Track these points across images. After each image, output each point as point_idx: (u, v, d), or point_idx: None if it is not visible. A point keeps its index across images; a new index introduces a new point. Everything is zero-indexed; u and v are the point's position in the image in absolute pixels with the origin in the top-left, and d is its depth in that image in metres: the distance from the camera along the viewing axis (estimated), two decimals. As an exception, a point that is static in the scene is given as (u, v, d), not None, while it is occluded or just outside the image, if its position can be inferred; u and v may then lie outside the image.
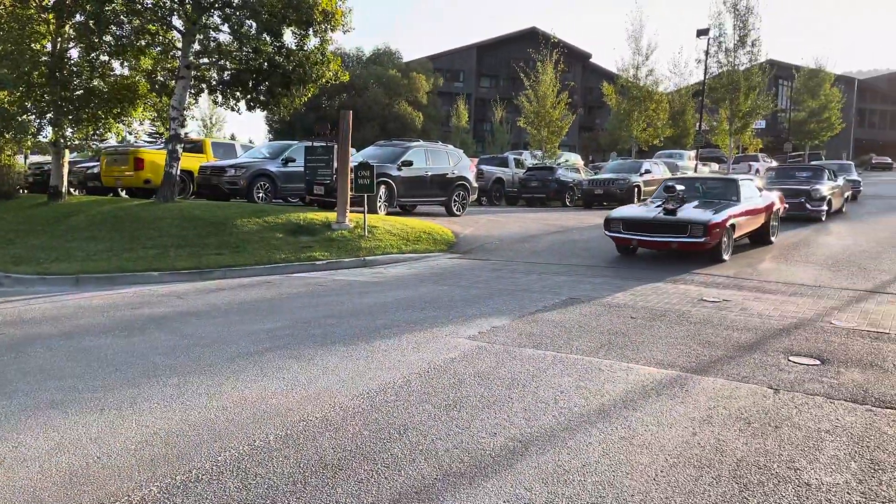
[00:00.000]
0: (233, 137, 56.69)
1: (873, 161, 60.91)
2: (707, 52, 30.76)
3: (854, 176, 24.20)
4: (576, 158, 35.84)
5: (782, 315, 7.23)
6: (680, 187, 10.99)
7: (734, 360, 5.53)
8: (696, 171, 31.44)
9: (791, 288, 8.83)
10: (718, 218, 10.30)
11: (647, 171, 22.75)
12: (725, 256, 10.68)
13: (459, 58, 74.66)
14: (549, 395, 4.67)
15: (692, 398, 4.63)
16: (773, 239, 12.73)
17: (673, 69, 35.39)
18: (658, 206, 10.98)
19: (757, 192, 12.44)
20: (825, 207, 16.54)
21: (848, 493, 3.30)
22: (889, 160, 62.76)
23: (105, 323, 7.01)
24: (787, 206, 13.93)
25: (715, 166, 35.28)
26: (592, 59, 77.32)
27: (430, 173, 16.62)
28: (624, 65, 32.51)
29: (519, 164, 27.27)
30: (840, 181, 19.04)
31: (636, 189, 21.15)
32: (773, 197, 12.99)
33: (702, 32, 30.25)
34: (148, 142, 25.69)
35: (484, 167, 24.72)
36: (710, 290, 8.71)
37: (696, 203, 11.13)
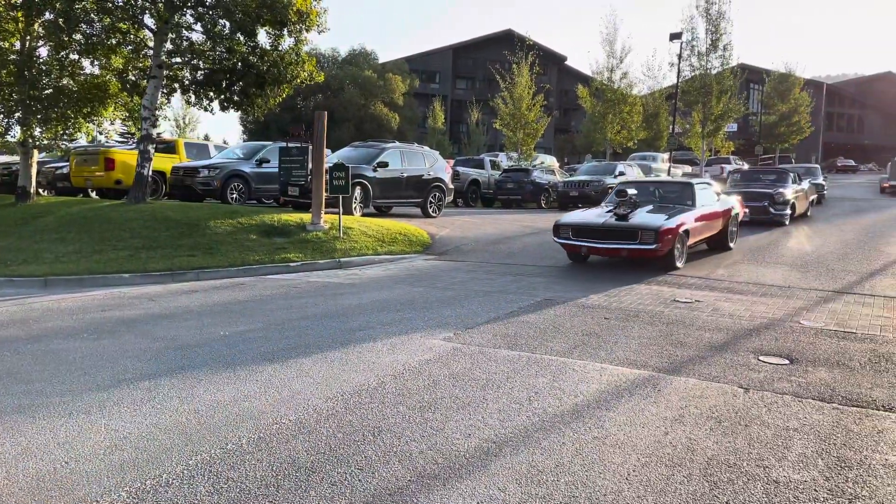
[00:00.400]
0: (206, 138, 56.11)
1: (838, 164, 62.14)
2: (680, 56, 31.15)
3: (820, 179, 24.18)
4: (551, 160, 36.07)
5: (753, 315, 7.34)
6: (632, 192, 10.66)
7: (705, 360, 5.60)
8: (669, 173, 31.81)
9: (762, 289, 8.97)
10: (671, 224, 9.82)
11: (622, 174, 22.95)
12: (679, 264, 10.23)
13: (435, 59, 74.73)
14: (523, 395, 4.69)
15: (664, 398, 4.68)
16: (731, 245, 12.35)
17: (647, 72, 35.84)
18: (609, 212, 10.55)
19: (714, 197, 12.04)
20: (789, 211, 16.35)
21: (815, 490, 3.36)
22: (853, 163, 64.11)
23: (74, 326, 6.90)
24: (747, 210, 13.60)
25: (688, 168, 35.72)
26: (568, 62, 77.87)
27: (405, 174, 16.60)
28: (598, 67, 32.83)
29: (495, 165, 27.35)
30: (805, 185, 18.89)
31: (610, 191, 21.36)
32: (732, 202, 12.63)
33: (675, 36, 30.62)
34: (119, 142, 25.35)
35: (460, 169, 24.76)
36: (682, 290, 8.82)
37: (649, 208, 10.72)
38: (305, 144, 13.26)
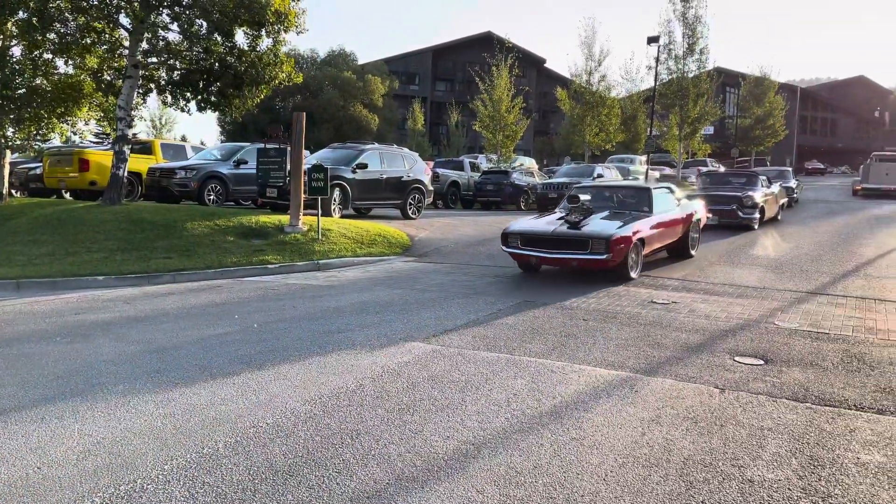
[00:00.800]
0: (183, 139, 55.58)
1: (808, 167, 63.08)
2: (657, 59, 31.43)
3: (792, 183, 24.05)
4: (530, 162, 36.20)
5: (729, 316, 7.42)
6: (585, 197, 10.07)
7: (682, 361, 5.65)
8: (646, 175, 32.09)
9: (738, 290, 9.08)
10: (624, 232, 9.25)
11: (600, 176, 23.10)
12: (633, 275, 9.62)
13: (415, 61, 74.72)
14: (502, 397, 4.70)
15: (641, 399, 4.71)
16: (693, 252, 11.81)
17: (625, 75, 36.15)
18: (561, 219, 9.95)
19: (674, 202, 11.42)
20: (758, 215, 16.08)
21: (789, 489, 3.40)
22: (822, 166, 65.13)
23: (47, 329, 6.79)
24: (710, 216, 13.08)
25: (666, 170, 36.05)
26: (547, 65, 78.27)
27: (384, 176, 16.57)
28: (577, 70, 33.00)
29: (474, 167, 27.40)
30: (775, 188, 18.72)
31: (589, 193, 21.46)
32: (694, 207, 12.09)
33: (652, 40, 30.90)
34: (94, 142, 25.01)
35: (440, 170, 24.77)
36: (660, 292, 8.89)
37: (604, 214, 10.16)
38: (284, 146, 13.18)
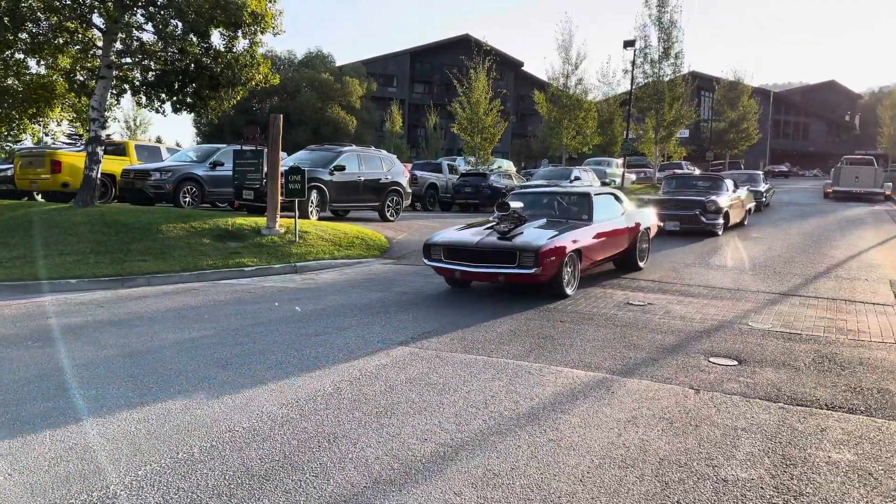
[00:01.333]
0: (158, 140, 54.93)
1: (774, 170, 63.76)
2: (633, 63, 31.74)
3: (761, 187, 23.68)
4: (508, 165, 36.31)
5: (704, 317, 7.51)
6: (516, 204, 8.96)
7: (658, 362, 5.71)
8: (623, 178, 32.39)
9: (713, 291, 9.18)
10: (556, 242, 8.21)
11: (577, 178, 23.27)
12: (569, 291, 8.57)
13: (393, 63, 74.63)
14: (479, 399, 4.70)
15: (618, 400, 4.75)
16: (641, 264, 10.90)
17: (601, 79, 36.40)
18: (489, 228, 8.96)
19: (619, 210, 10.50)
20: (721, 221, 15.41)
21: (762, 487, 3.45)
22: (785, 168, 66.03)
23: (18, 333, 6.66)
24: (662, 224, 12.21)
25: (643, 173, 36.43)
26: (524, 68, 78.61)
27: (363, 178, 16.52)
28: (554, 73, 33.18)
29: (453, 169, 27.42)
30: (742, 192, 18.21)
31: (566, 195, 21.56)
32: (644, 215, 11.22)
33: (628, 44, 31.19)
34: (67, 143, 24.63)
35: (418, 172, 24.75)
36: (636, 293, 8.97)
37: (540, 223, 9.20)
38: (260, 147, 13.08)
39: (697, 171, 40.91)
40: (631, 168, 36.14)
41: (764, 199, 23.30)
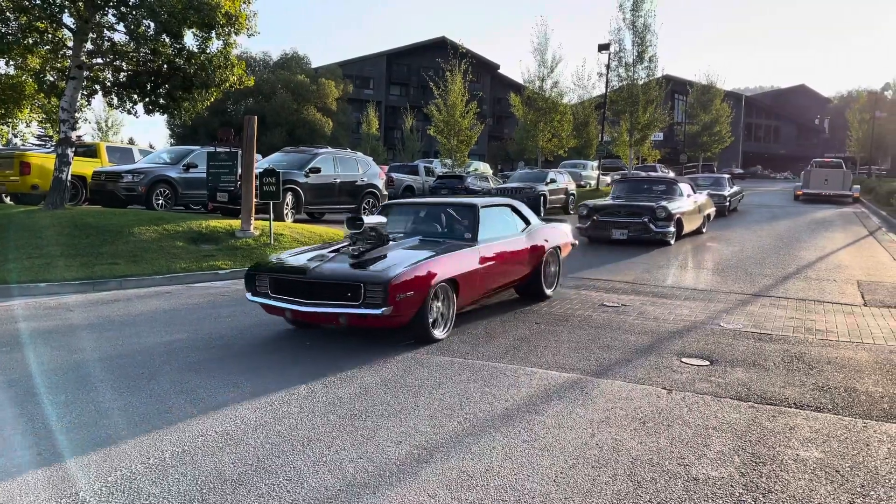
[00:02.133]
0: (131, 142, 54.22)
1: (734, 171, 64.24)
2: (608, 66, 32.02)
3: (726, 191, 22.66)
4: (485, 167, 36.47)
5: (676, 318, 7.59)
6: (375, 220, 6.89)
7: (631, 363, 5.77)
8: (598, 181, 32.65)
9: (685, 292, 9.29)
10: (416, 272, 5.99)
11: (553, 181, 23.40)
12: (438, 334, 6.44)
13: (369, 65, 74.51)
14: (454, 401, 4.71)
15: (591, 400, 4.79)
16: (549, 292, 8.80)
17: (577, 82, 36.65)
18: (336, 251, 6.88)
19: (517, 225, 8.43)
20: (673, 229, 14.04)
21: (731, 485, 3.50)
22: (741, 170, 66.53)
23: (-15, 338, 6.53)
24: (576, 243, 9.88)
25: (617, 176, 36.72)
26: (501, 70, 78.93)
27: (338, 180, 16.46)
28: (530, 76, 33.35)
29: (429, 172, 27.47)
30: (700, 197, 16.86)
31: (542, 198, 21.71)
32: (554, 231, 9.12)
33: (603, 47, 31.46)
34: (37, 145, 24.21)
35: (395, 175, 24.76)
36: (610, 295, 9.04)
37: (411, 243, 7.08)
38: (235, 149, 12.98)
39: (671, 174, 41.47)
40: (607, 171, 36.43)
41: (728, 204, 22.18)
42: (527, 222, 8.68)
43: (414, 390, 4.93)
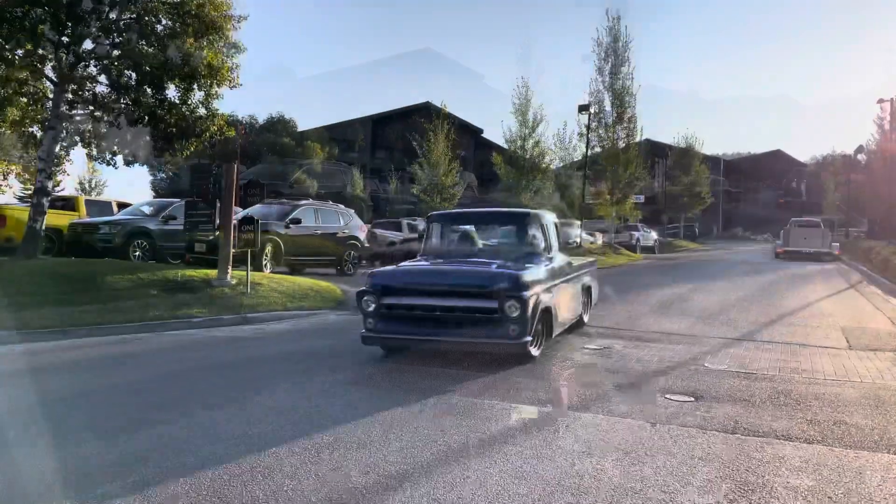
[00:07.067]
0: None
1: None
2: (588, 126, 32.60)
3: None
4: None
5: (660, 359, 7.40)
6: None
7: (614, 399, 5.56)
8: (580, 239, 32.77)
9: (668, 337, 9.12)
10: None
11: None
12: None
13: (354, 129, 75.43)
14: (428, 434, 4.47)
15: (572, 433, 4.56)
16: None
17: (558, 144, 37.11)
18: None
19: None
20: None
21: (720, 511, 3.28)
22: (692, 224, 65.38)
23: (-62, 380, 6.22)
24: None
25: (599, 236, 36.94)
26: (484, 135, 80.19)
27: (319, 232, 16.34)
28: (512, 136, 33.81)
29: (412, 228, 27.45)
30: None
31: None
32: None
33: (583, 108, 32.11)
34: (21, 199, 23.99)
35: (378, 231, 24.71)
36: (592, 339, 8.85)
37: None
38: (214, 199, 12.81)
39: (654, 234, 41.78)
40: (590, 231, 36.62)
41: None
42: None
43: (386, 424, 4.68)
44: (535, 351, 6.99)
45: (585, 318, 9.72)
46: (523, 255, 7.97)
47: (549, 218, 8.93)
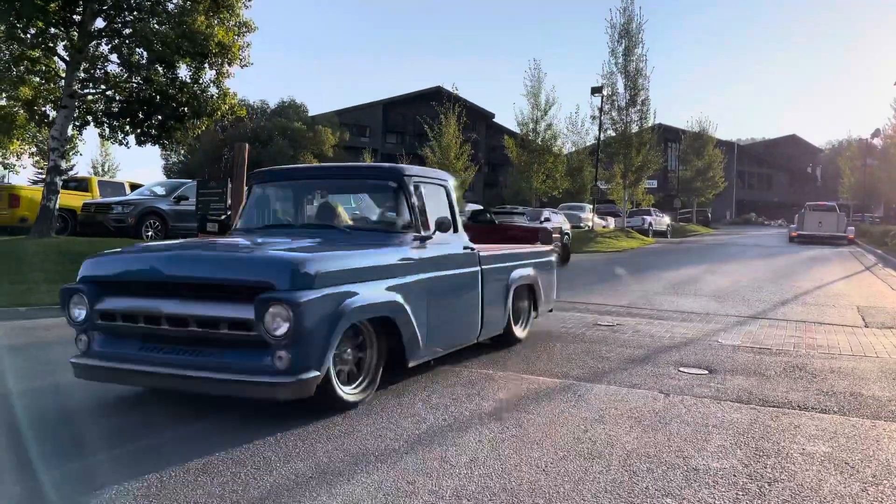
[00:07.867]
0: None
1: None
2: (601, 110, 32.32)
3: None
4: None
5: (673, 335, 7.35)
6: None
7: (626, 371, 5.52)
8: (592, 223, 32.62)
9: (681, 315, 9.04)
10: None
11: (547, 219, 23.34)
12: None
13: (366, 113, 75.33)
14: (440, 402, 4.46)
15: (585, 402, 4.54)
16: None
17: (570, 128, 36.81)
18: None
19: None
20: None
21: (734, 475, 3.25)
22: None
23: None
24: None
25: (611, 220, 36.75)
26: (496, 119, 79.85)
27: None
28: (524, 119, 33.60)
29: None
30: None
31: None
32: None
33: (596, 90, 31.82)
34: (34, 182, 24.15)
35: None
36: (604, 316, 8.80)
37: None
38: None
39: (667, 218, 41.45)
40: (601, 215, 36.39)
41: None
42: None
43: (396, 392, 4.67)
44: (348, 395, 4.18)
45: (520, 333, 6.69)
46: (367, 233, 5.25)
47: (436, 180, 5.64)
